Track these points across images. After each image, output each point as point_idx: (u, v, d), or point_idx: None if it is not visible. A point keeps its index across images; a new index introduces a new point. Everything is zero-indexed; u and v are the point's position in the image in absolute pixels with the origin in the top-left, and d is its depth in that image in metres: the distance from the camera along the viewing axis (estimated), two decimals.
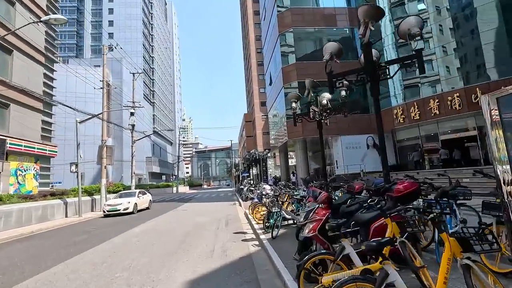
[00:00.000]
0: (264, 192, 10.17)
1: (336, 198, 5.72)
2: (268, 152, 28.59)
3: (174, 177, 52.25)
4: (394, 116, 22.09)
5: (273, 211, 6.43)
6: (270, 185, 12.51)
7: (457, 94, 18.26)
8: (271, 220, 7.03)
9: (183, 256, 6.02)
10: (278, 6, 27.41)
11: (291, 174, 29.57)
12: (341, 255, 2.80)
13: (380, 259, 2.36)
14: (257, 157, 24.24)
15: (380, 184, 4.77)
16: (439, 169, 18.26)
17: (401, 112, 21.56)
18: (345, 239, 2.89)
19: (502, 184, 2.82)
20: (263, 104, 51.73)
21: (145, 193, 19.28)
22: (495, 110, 2.74)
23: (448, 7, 19.31)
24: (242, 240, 7.09)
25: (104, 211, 15.29)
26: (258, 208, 9.02)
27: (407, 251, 2.80)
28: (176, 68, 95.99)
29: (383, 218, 3.40)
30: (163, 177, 54.66)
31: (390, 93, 23.23)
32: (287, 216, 6.85)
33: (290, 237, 6.34)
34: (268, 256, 5.35)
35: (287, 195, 7.39)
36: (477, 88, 17.37)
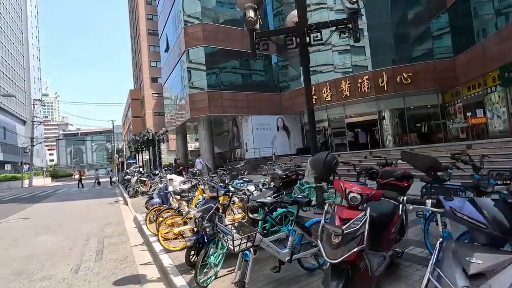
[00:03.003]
0: (173, 188, 5.95)
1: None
2: (167, 131, 22.99)
3: (26, 166, 38.62)
4: None
5: (231, 244, 2.42)
6: (195, 173, 7.91)
7: (367, 77, 18.29)
8: (212, 258, 3.05)
9: None
10: None
11: (174, 161, 23.00)
12: None
13: None
14: (151, 138, 18.70)
15: None
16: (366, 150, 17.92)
17: (313, 92, 20.53)
18: None
19: None
20: (154, 80, 44.25)
21: None
22: None
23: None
24: None
25: None
26: (168, 220, 4.78)
27: None
28: (31, 24, 72.13)
29: None
30: (7, 167, 39.55)
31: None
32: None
33: None
34: None
35: (230, 196, 3.59)
36: (384, 73, 17.81)
